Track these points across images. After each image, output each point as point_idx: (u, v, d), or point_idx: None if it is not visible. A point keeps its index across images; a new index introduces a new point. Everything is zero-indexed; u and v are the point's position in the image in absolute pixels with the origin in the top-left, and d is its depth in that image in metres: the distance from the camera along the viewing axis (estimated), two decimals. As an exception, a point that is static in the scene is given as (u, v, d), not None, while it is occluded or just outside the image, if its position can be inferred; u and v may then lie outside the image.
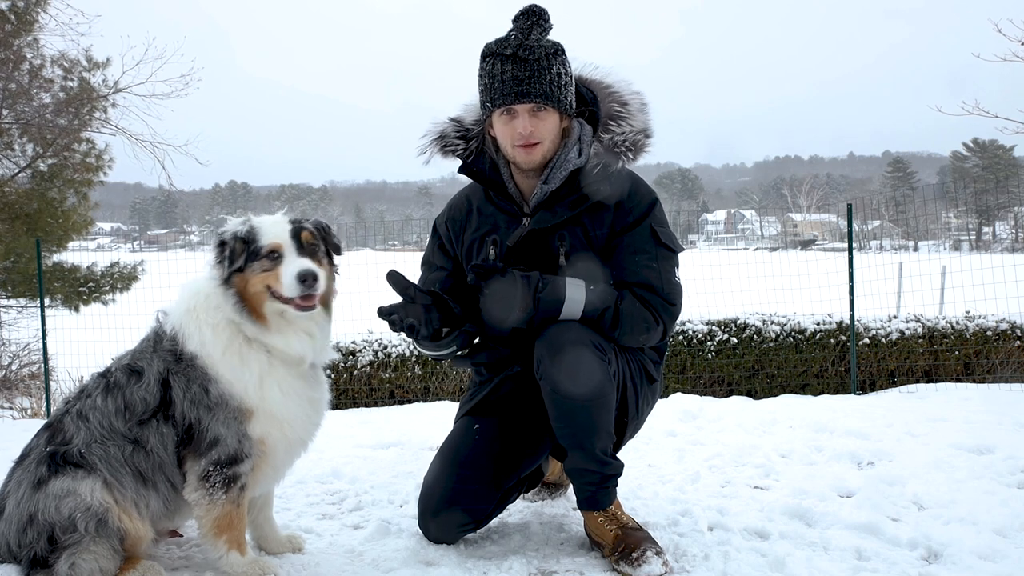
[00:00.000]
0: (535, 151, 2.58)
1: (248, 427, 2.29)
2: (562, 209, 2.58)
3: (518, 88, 2.51)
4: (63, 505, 2.14)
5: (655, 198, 2.65)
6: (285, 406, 2.35)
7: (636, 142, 2.60)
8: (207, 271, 2.42)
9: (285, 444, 2.39)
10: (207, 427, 2.25)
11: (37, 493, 2.17)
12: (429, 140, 2.80)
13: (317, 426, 2.52)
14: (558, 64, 2.54)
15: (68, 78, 12.39)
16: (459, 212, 2.85)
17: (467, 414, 2.85)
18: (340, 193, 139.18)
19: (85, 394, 2.35)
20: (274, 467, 2.42)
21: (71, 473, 2.19)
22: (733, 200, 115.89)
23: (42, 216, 11.87)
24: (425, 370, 7.51)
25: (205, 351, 2.30)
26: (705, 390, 7.25)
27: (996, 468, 3.48)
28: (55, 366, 8.81)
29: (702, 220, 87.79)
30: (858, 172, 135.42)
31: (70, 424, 2.29)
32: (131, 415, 2.27)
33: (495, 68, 2.54)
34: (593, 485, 2.55)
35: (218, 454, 2.26)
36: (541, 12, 2.51)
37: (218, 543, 2.30)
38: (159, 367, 2.30)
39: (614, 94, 2.70)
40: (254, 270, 2.33)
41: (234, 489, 2.28)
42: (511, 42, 2.52)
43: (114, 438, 2.24)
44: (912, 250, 31.55)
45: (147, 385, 2.28)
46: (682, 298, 2.63)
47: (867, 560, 2.52)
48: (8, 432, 5.53)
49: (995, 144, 72.18)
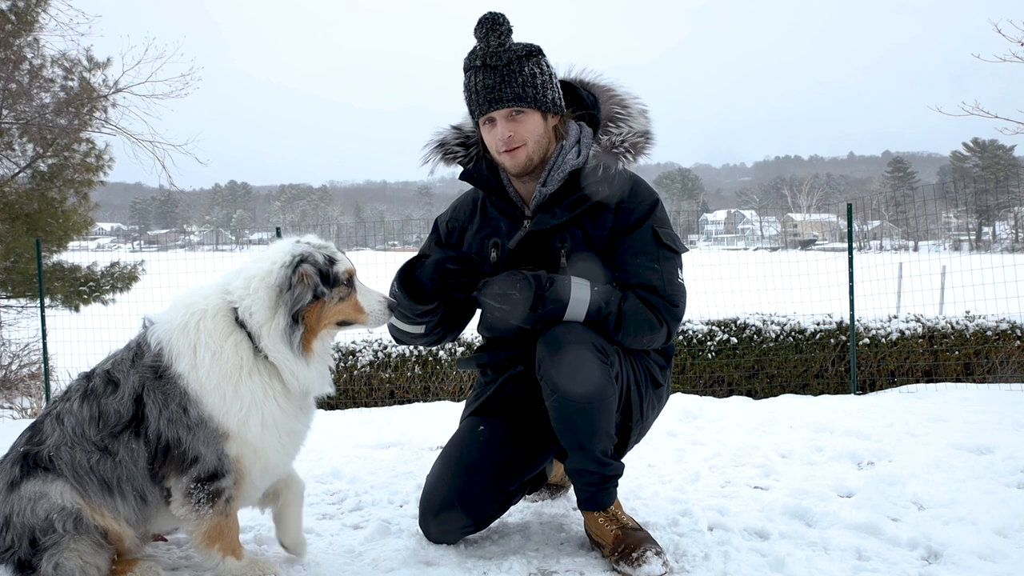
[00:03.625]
0: (519, 153, 2.59)
1: (226, 447, 2.22)
2: (561, 210, 2.58)
3: (490, 96, 2.55)
4: (38, 507, 2.12)
5: (656, 199, 2.65)
6: (262, 438, 2.25)
7: (635, 143, 2.60)
8: (219, 290, 2.27)
9: (259, 468, 2.32)
10: (188, 446, 2.18)
11: (11, 495, 2.17)
12: (431, 149, 2.82)
13: (292, 457, 2.43)
14: (531, 65, 2.55)
15: (68, 78, 12.40)
16: (462, 213, 2.87)
17: (472, 414, 2.85)
18: (340, 193, 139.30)
19: (67, 396, 2.31)
20: (251, 484, 2.36)
21: (40, 476, 2.17)
22: (733, 200, 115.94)
23: (42, 216, 11.88)
24: (425, 370, 7.51)
25: (195, 375, 2.18)
26: (705, 390, 7.25)
27: (996, 468, 3.48)
28: (55, 366, 8.81)
29: (702, 220, 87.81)
30: (858, 172, 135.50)
31: (48, 425, 2.26)
32: (104, 425, 2.20)
33: (471, 81, 2.59)
34: (593, 486, 2.54)
35: (198, 471, 2.19)
36: (495, 18, 2.52)
37: (212, 552, 2.28)
38: (134, 382, 2.21)
39: (615, 96, 2.71)
40: (332, 299, 2.23)
41: (219, 502, 2.23)
42: (478, 53, 2.56)
43: (83, 444, 2.20)
44: (912, 250, 31.56)
45: (121, 398, 2.21)
46: (685, 299, 2.63)
47: (867, 560, 2.52)
48: (8, 432, 5.53)
49: (995, 144, 72.19)
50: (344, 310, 2.27)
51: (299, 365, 2.22)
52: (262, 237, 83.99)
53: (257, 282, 2.20)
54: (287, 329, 2.18)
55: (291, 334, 2.19)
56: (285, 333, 2.18)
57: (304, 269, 2.19)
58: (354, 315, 2.29)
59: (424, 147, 2.82)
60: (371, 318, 2.29)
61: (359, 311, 2.29)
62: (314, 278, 2.19)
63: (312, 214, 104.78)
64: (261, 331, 2.19)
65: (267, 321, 2.19)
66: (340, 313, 2.27)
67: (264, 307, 2.19)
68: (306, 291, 2.19)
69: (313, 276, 2.19)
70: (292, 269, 2.20)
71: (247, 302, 2.20)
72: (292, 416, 2.32)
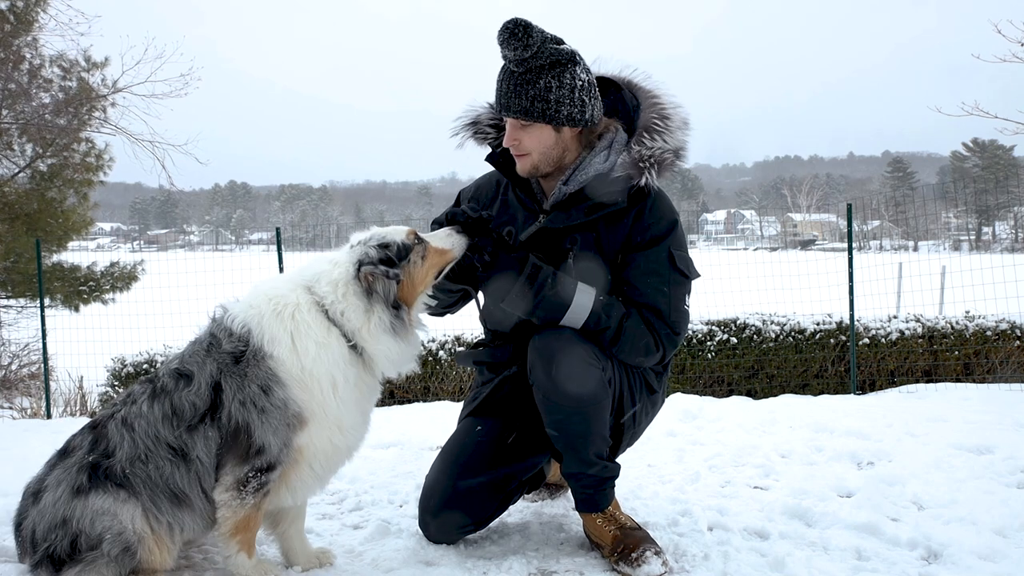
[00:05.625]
0: (524, 161, 2.58)
1: (295, 436, 2.25)
2: (578, 212, 2.54)
3: (502, 101, 2.53)
4: (99, 521, 2.14)
5: (676, 218, 2.59)
6: (349, 418, 2.33)
7: (664, 160, 2.52)
8: (302, 287, 2.32)
9: (331, 452, 2.35)
10: (257, 433, 2.20)
11: (75, 500, 2.17)
12: (463, 124, 2.78)
13: (365, 434, 2.50)
14: (549, 77, 2.45)
15: (67, 78, 12.40)
16: (485, 193, 2.85)
17: (470, 415, 2.85)
18: (340, 193, 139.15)
19: (131, 399, 2.31)
20: (316, 475, 2.38)
21: (113, 492, 2.17)
22: (733, 200, 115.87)
23: (42, 216, 11.89)
24: (425, 370, 7.51)
25: (295, 361, 2.23)
26: (705, 390, 7.25)
27: (996, 468, 3.48)
28: (55, 366, 8.81)
29: (702, 220, 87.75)
30: (858, 172, 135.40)
31: (114, 432, 2.25)
32: (179, 421, 2.22)
33: (499, 77, 2.55)
34: (590, 488, 2.54)
35: (261, 461, 2.23)
36: (514, 28, 2.39)
37: (232, 543, 2.30)
38: (211, 370, 2.23)
39: (657, 106, 2.61)
40: (416, 263, 2.34)
41: (260, 494, 2.27)
42: (506, 54, 2.49)
43: (158, 451, 2.21)
44: (912, 250, 31.54)
45: (197, 389, 2.22)
46: (687, 325, 2.61)
47: (867, 560, 2.52)
48: (8, 432, 5.53)
49: (995, 144, 72.17)
50: (433, 262, 2.40)
51: (399, 348, 2.32)
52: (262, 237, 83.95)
53: (344, 287, 2.30)
54: (392, 319, 2.30)
55: (397, 320, 2.30)
56: (390, 324, 2.30)
57: (365, 271, 2.28)
58: (441, 259, 2.42)
59: (456, 120, 2.78)
60: (455, 249, 2.42)
61: (443, 253, 2.41)
62: (378, 271, 2.28)
63: (312, 214, 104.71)
64: (360, 332, 2.29)
65: (365, 323, 2.29)
66: (432, 266, 2.39)
67: (359, 311, 2.29)
68: (387, 283, 2.29)
69: (376, 271, 2.28)
70: (357, 276, 2.30)
71: (340, 307, 2.29)
72: (368, 402, 2.45)
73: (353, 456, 2.50)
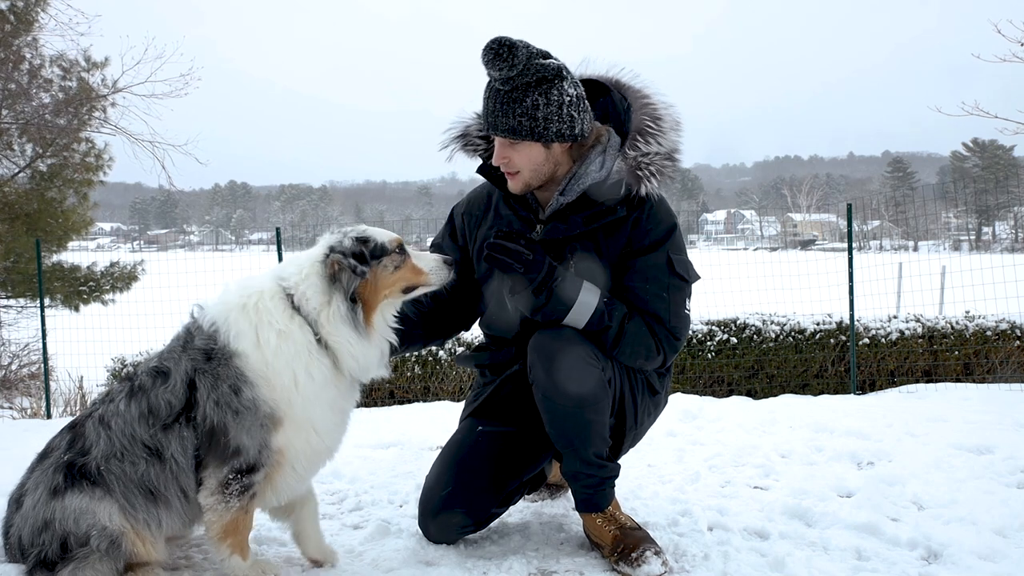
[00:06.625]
0: (516, 180, 2.56)
1: (272, 437, 2.23)
2: (576, 222, 2.52)
3: (489, 119, 2.49)
4: (82, 520, 2.14)
5: (674, 222, 2.58)
6: (321, 418, 2.30)
7: (662, 167, 2.51)
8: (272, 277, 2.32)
9: (310, 453, 2.33)
10: (232, 434, 2.18)
11: (53, 501, 2.17)
12: (451, 136, 2.76)
13: (339, 446, 2.47)
14: (536, 95, 2.40)
15: (67, 78, 12.40)
16: (477, 207, 2.83)
17: (471, 415, 2.85)
18: (340, 193, 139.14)
19: (109, 398, 2.30)
20: (298, 476, 2.36)
21: (88, 491, 2.17)
22: (733, 200, 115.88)
23: (42, 216, 11.89)
24: (425, 370, 7.52)
25: (259, 355, 2.20)
26: (705, 390, 7.25)
27: (996, 468, 3.48)
28: (55, 366, 8.82)
29: (702, 220, 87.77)
30: (858, 172, 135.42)
31: (91, 430, 2.24)
32: (155, 420, 2.20)
33: (484, 94, 2.51)
34: (590, 488, 2.54)
35: (240, 463, 2.21)
36: (498, 49, 2.33)
37: (223, 547, 2.29)
38: (186, 366, 2.21)
39: (648, 106, 2.59)
40: (386, 267, 2.31)
41: (246, 496, 2.25)
42: (492, 74, 2.44)
43: (133, 449, 2.20)
44: (912, 250, 31.55)
45: (172, 387, 2.21)
46: (688, 330, 2.60)
47: (867, 560, 2.52)
48: (8, 432, 5.53)
49: (995, 144, 72.17)
50: (404, 276, 2.37)
51: (361, 345, 2.28)
52: (262, 237, 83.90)
53: (308, 268, 2.28)
54: (348, 311, 2.25)
55: (353, 314, 2.26)
56: (347, 315, 2.25)
57: (333, 258, 2.26)
58: (414, 278, 2.39)
59: (445, 132, 2.76)
60: (432, 276, 2.39)
61: (418, 273, 2.38)
62: (345, 262, 2.25)
63: (312, 214, 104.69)
64: (320, 316, 2.25)
65: (324, 307, 2.25)
66: (401, 279, 2.36)
67: (319, 292, 2.25)
68: (352, 276, 2.26)
69: (343, 261, 2.26)
70: (324, 261, 2.28)
71: (302, 288, 2.27)
72: (342, 395, 2.37)
73: (334, 456, 2.48)
